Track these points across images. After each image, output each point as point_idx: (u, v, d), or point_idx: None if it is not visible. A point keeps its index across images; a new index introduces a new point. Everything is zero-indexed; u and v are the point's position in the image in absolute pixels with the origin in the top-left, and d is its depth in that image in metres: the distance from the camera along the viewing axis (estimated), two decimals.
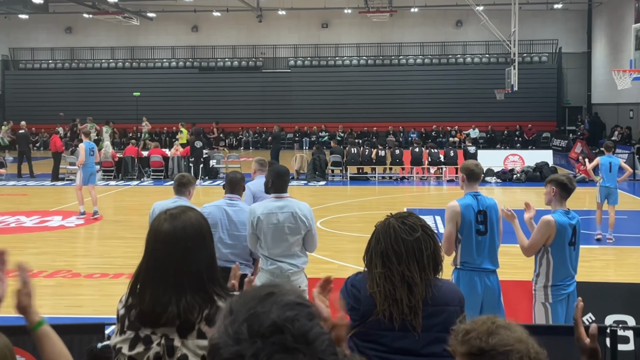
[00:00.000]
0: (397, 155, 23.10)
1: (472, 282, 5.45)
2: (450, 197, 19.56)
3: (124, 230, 13.89)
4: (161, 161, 23.57)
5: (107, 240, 12.90)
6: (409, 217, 2.83)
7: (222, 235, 5.89)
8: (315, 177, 22.64)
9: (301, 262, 5.68)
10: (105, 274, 10.16)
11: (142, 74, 40.21)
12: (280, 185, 5.71)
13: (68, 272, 10.27)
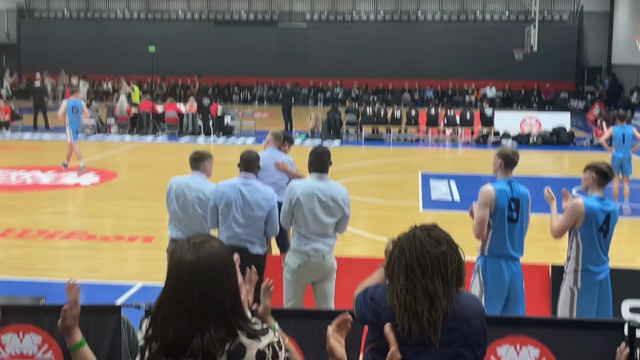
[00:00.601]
0: (412, 116, 22.89)
1: (500, 269, 5.44)
2: (466, 161, 19.61)
3: (138, 190, 13.92)
4: (176, 117, 23.49)
5: (121, 201, 12.94)
6: (435, 230, 2.76)
7: (236, 214, 5.86)
8: (329, 137, 22.52)
9: (333, 243, 5.71)
10: (120, 237, 10.21)
11: (157, 26, 39.86)
12: (320, 166, 5.69)
13: (83, 234, 10.32)
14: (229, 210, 5.86)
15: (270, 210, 5.93)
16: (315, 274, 5.64)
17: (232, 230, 5.86)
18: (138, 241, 10.00)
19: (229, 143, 22.15)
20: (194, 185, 6.24)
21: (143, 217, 11.56)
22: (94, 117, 23.57)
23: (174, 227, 6.29)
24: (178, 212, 6.24)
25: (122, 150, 20.16)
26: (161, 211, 12.01)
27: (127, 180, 15.12)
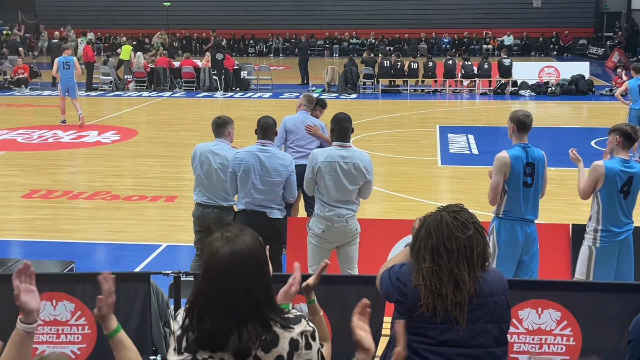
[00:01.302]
0: (429, 68, 22.65)
1: (514, 231, 5.46)
2: (483, 112, 19.46)
3: (158, 147, 14.00)
4: (192, 72, 23.41)
5: (142, 159, 13.03)
6: (462, 213, 2.77)
7: (255, 180, 5.89)
8: (346, 90, 22.39)
9: (356, 208, 5.74)
10: (144, 197, 10.31)
11: None
12: (342, 134, 5.67)
13: (107, 194, 10.44)
14: (248, 176, 5.90)
15: (288, 176, 5.96)
16: (339, 238, 5.70)
17: (251, 196, 5.90)
18: (160, 201, 10.10)
19: (246, 97, 22.11)
20: (218, 152, 6.26)
21: (165, 176, 11.65)
22: (112, 73, 23.54)
23: (199, 193, 6.35)
24: (203, 178, 6.29)
25: (140, 107, 20.20)
26: (182, 170, 12.22)
27: (147, 138, 15.19)
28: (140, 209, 9.74)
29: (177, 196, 10.30)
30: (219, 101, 21.53)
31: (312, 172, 5.64)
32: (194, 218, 6.41)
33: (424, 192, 10.53)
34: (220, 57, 22.34)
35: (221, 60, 22.36)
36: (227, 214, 6.27)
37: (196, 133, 15.80)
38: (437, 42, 37.63)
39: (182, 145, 14.23)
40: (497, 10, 37.40)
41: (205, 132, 15.58)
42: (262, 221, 5.89)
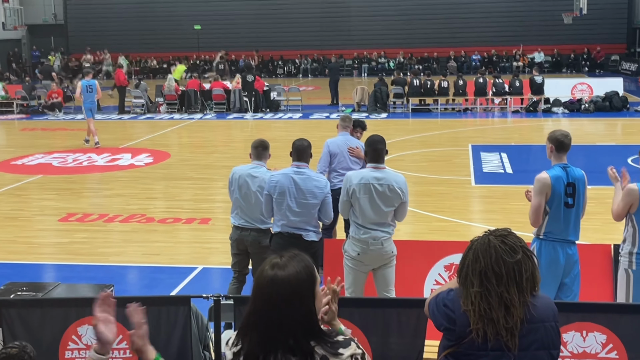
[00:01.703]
0: (460, 86, 22.60)
1: (555, 252, 5.39)
2: (515, 130, 19.33)
3: (191, 170, 14.14)
4: (223, 94, 23.67)
5: (176, 182, 13.16)
6: (509, 237, 2.76)
7: (291, 203, 5.92)
8: (376, 110, 22.43)
9: (392, 230, 5.73)
10: (178, 219, 10.40)
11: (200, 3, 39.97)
12: (376, 156, 5.69)
13: (142, 217, 10.55)
14: (283, 199, 5.94)
15: (323, 198, 5.98)
16: (375, 261, 5.69)
17: (286, 218, 5.93)
18: (194, 223, 10.17)
19: (276, 118, 22.26)
20: (257, 175, 6.32)
21: (198, 199, 11.75)
22: (144, 96, 23.91)
23: (236, 215, 6.40)
24: (240, 201, 6.34)
25: (172, 129, 20.46)
26: (215, 192, 12.34)
27: (179, 161, 15.35)
28: (174, 232, 9.83)
29: (210, 218, 10.37)
30: (249, 122, 21.71)
31: (347, 195, 5.66)
32: (232, 241, 6.45)
33: (459, 212, 10.47)
34: (251, 78, 22.60)
35: (251, 81, 22.61)
36: (264, 236, 6.31)
37: (228, 155, 15.95)
38: (466, 60, 37.57)
39: (214, 168, 14.36)
40: (527, 27, 37.27)
41: (237, 153, 15.93)
42: (298, 243, 5.90)
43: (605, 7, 35.93)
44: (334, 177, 7.58)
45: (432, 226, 9.82)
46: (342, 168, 7.61)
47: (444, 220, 10.04)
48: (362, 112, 22.66)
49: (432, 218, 10.21)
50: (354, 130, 8.00)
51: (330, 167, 7.70)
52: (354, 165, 7.63)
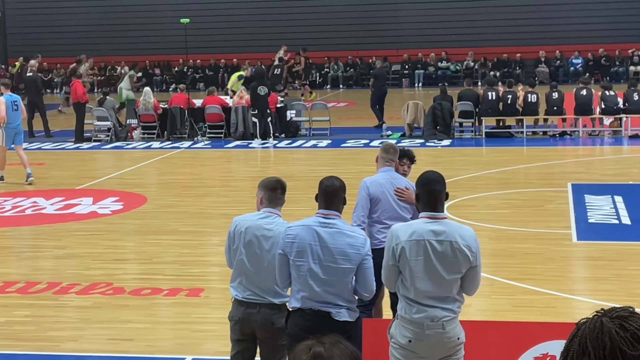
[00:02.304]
0: (554, 101, 22.64)
1: None
2: (634, 163, 19.26)
3: (175, 220, 14.27)
4: (220, 113, 23.94)
5: (155, 236, 13.29)
6: (632, 319, 2.76)
7: (314, 267, 5.94)
8: (436, 134, 22.53)
9: (458, 307, 5.73)
10: (158, 289, 10.48)
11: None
12: (433, 200, 5.69)
13: (107, 287, 10.63)
14: (304, 260, 5.97)
15: (360, 262, 6.01)
16: (434, 351, 5.68)
17: (309, 288, 5.96)
18: (180, 295, 10.23)
19: (294, 147, 22.40)
20: (271, 227, 6.36)
21: (185, 260, 11.84)
22: (110, 117, 24.23)
23: (239, 285, 6.44)
24: (246, 264, 6.39)
25: (149, 162, 20.68)
26: (209, 250, 12.42)
27: (159, 207, 15.50)
28: (152, 308, 9.88)
29: (203, 288, 10.44)
30: (257, 153, 21.87)
31: (394, 257, 5.68)
32: (232, 322, 6.49)
33: (555, 281, 10.42)
34: (264, 91, 22.57)
35: (265, 95, 22.60)
36: (279, 315, 6.34)
37: (227, 199, 16.08)
38: (563, 63, 37.62)
39: (208, 217, 14.45)
40: None
41: (240, 197, 16.07)
42: (325, 325, 5.91)
43: None
44: (378, 232, 7.61)
45: (517, 300, 9.77)
46: (389, 218, 7.63)
47: (534, 292, 9.98)
48: (415, 137, 22.74)
49: (516, 289, 10.17)
50: (399, 163, 8.03)
51: (372, 218, 7.74)
52: (405, 213, 7.67)
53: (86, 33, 40.52)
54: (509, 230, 12.93)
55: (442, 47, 38.83)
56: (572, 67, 37.31)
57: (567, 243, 12.25)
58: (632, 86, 23.19)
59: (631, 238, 12.38)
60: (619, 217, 13.63)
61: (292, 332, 6.03)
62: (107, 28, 40.47)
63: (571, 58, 37.67)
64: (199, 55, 38.78)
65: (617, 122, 22.69)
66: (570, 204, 14.57)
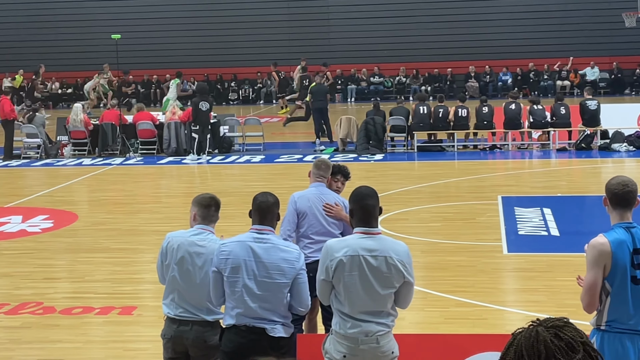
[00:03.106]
0: (484, 115, 22.94)
1: (623, 348, 5.44)
2: (562, 176, 19.61)
3: (107, 238, 14.11)
4: (152, 129, 23.80)
5: (85, 254, 13.11)
6: (566, 329, 2.79)
7: (249, 282, 5.93)
8: (368, 149, 22.65)
9: (392, 321, 5.74)
10: (89, 308, 10.34)
11: (121, 6, 40.42)
12: (366, 216, 5.70)
13: (37, 306, 10.46)
14: (238, 277, 5.95)
15: (295, 277, 6.00)
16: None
17: (243, 305, 5.93)
18: (113, 314, 10.11)
19: (227, 163, 22.33)
20: (204, 244, 6.33)
21: (117, 278, 11.71)
22: (40, 134, 23.91)
23: (172, 303, 6.38)
24: (179, 281, 6.33)
25: (80, 179, 20.44)
26: (142, 268, 12.29)
27: (90, 224, 15.31)
28: (83, 327, 9.74)
29: (135, 306, 10.33)
30: (190, 169, 21.74)
31: (327, 273, 5.69)
32: (165, 340, 6.42)
33: (487, 293, 10.51)
34: (206, 107, 22.56)
35: (207, 111, 22.59)
36: (211, 332, 6.29)
37: (160, 215, 15.95)
38: (493, 78, 38.19)
39: (141, 234, 14.32)
40: (576, 34, 38.06)
41: (173, 213, 15.95)
42: (260, 341, 5.90)
43: None
44: (305, 247, 7.57)
45: (450, 313, 9.83)
46: (316, 233, 7.64)
47: (466, 304, 10.06)
48: (348, 152, 22.84)
49: (449, 301, 10.23)
50: (333, 180, 8.04)
51: (299, 232, 7.73)
52: (333, 228, 7.66)
53: (17, 49, 39.94)
54: (441, 243, 13.03)
55: (374, 62, 39.14)
56: (501, 81, 37.93)
57: (498, 255, 12.37)
58: (559, 100, 23.60)
59: (560, 249, 12.55)
60: (548, 228, 13.82)
61: (227, 349, 6.01)
62: (38, 44, 40.00)
63: (500, 74, 38.25)
64: (131, 72, 38.47)
65: (545, 135, 23.07)
66: (500, 216, 14.73)
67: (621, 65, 37.97)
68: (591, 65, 37.59)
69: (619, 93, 37.33)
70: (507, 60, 38.18)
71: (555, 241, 13.09)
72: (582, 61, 37.66)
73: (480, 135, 23.66)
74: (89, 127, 24.00)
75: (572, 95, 36.03)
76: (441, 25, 38.71)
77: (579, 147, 22.41)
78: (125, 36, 30.17)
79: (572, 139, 22.89)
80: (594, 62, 37.59)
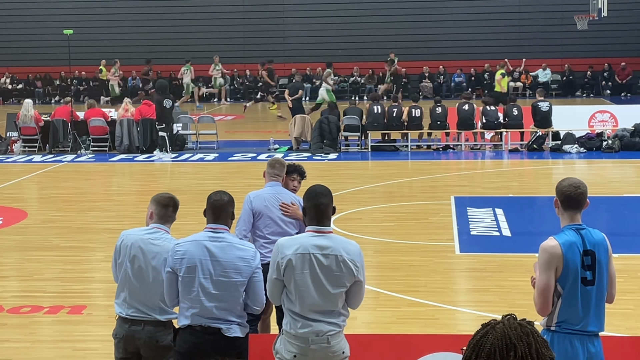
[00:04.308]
0: (438, 115, 23.06)
1: (573, 349, 5.49)
2: (514, 176, 19.80)
3: (57, 236, 13.96)
4: (104, 126, 23.59)
5: (35, 252, 12.96)
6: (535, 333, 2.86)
7: (204, 282, 5.90)
8: (322, 148, 22.66)
9: (343, 321, 5.74)
10: (38, 307, 10.23)
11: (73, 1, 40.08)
12: (319, 215, 5.71)
13: None
14: (194, 276, 5.92)
15: (251, 275, 5.99)
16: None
17: (199, 305, 5.90)
18: (62, 313, 10.01)
19: (180, 161, 22.21)
20: (157, 243, 6.28)
21: (67, 276, 11.58)
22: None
23: (124, 303, 6.32)
24: (131, 279, 6.28)
25: (30, 176, 20.21)
26: (92, 266, 12.17)
27: (40, 222, 15.14)
28: (32, 326, 9.63)
29: (85, 306, 10.23)
30: (145, 168, 21.57)
31: (279, 271, 5.68)
32: (116, 339, 6.36)
33: (439, 293, 10.56)
34: (169, 104, 22.49)
35: (170, 108, 22.52)
36: (164, 332, 6.25)
37: (111, 213, 15.81)
38: (446, 79, 38.41)
39: (91, 232, 14.18)
40: (527, 35, 38.44)
41: (125, 211, 15.84)
42: (215, 342, 5.88)
43: (633, 7, 37.37)
44: (261, 247, 7.56)
45: (402, 313, 9.86)
46: (272, 233, 7.63)
47: (418, 304, 10.10)
48: (302, 150, 22.84)
49: (401, 301, 10.27)
50: (289, 179, 8.04)
51: (255, 232, 7.71)
52: (290, 228, 7.66)
53: None
54: (393, 243, 13.07)
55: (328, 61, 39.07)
56: (455, 82, 38.19)
57: (450, 255, 12.44)
58: (511, 101, 23.83)
59: (511, 250, 12.66)
60: (500, 229, 13.93)
61: (182, 349, 5.98)
62: None
63: (454, 74, 38.50)
64: (83, 67, 38.13)
65: (497, 136, 23.27)
66: (453, 216, 14.82)
67: (573, 68, 38.39)
68: (543, 67, 37.98)
69: (570, 95, 37.75)
70: (461, 62, 38.43)
71: (507, 241, 13.20)
72: (534, 63, 38.04)
73: (433, 136, 23.80)
74: (39, 124, 23.73)
75: (524, 97, 36.37)
76: (395, 25, 38.83)
77: (531, 148, 22.63)
78: (77, 31, 29.84)
79: (524, 140, 23.10)
80: (546, 64, 37.98)
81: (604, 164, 20.93)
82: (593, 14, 31.95)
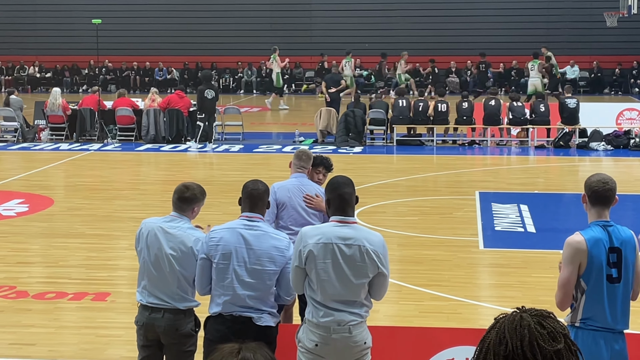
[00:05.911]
0: (464, 110, 22.98)
1: (597, 346, 5.46)
2: (540, 173, 19.71)
3: (83, 224, 14.06)
4: (131, 116, 23.68)
5: (60, 240, 13.06)
6: (549, 320, 2.81)
7: (239, 270, 5.90)
8: (348, 141, 22.65)
9: (366, 311, 5.74)
10: (63, 293, 10.30)
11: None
12: (343, 205, 5.70)
13: (10, 290, 10.41)
14: (228, 264, 5.93)
15: (284, 265, 6.00)
16: (340, 355, 5.67)
17: (232, 292, 5.91)
18: (86, 300, 10.07)
19: (205, 151, 22.27)
20: (173, 232, 6.28)
21: (92, 263, 11.66)
22: (17, 118, 23.76)
23: (144, 290, 6.34)
24: (150, 267, 6.30)
25: (57, 164, 20.33)
26: (117, 254, 12.24)
27: (66, 210, 15.24)
28: (56, 312, 9.71)
29: (109, 293, 10.29)
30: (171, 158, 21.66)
31: (300, 259, 5.68)
32: (138, 327, 6.39)
33: (462, 287, 10.55)
34: (211, 95, 22.50)
35: (212, 99, 22.53)
36: (184, 320, 6.26)
37: (136, 202, 15.89)
38: (474, 76, 38.23)
39: (116, 220, 14.25)
40: (556, 32, 38.17)
41: (149, 200, 15.90)
42: (246, 331, 5.87)
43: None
44: None
45: (424, 306, 9.85)
46: (295, 224, 7.62)
47: (441, 298, 10.09)
48: (328, 143, 22.83)
49: (424, 295, 10.26)
50: (315, 171, 8.03)
51: (278, 223, 7.72)
52: (313, 219, 7.65)
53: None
54: (417, 237, 13.05)
55: (356, 54, 39.00)
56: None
57: (474, 250, 12.42)
58: (539, 98, 23.71)
59: (536, 246, 12.62)
60: (525, 225, 13.88)
61: (213, 337, 5.97)
62: (16, 27, 39.64)
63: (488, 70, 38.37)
64: (110, 57, 38.30)
65: (523, 132, 23.14)
66: (477, 211, 14.78)
67: (601, 65, 38.17)
68: (571, 64, 37.70)
69: (598, 92, 37.51)
70: (488, 57, 38.22)
71: (531, 238, 13.16)
72: (562, 60, 37.73)
73: (459, 131, 23.72)
74: (67, 112, 23.86)
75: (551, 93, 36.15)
76: (424, 19, 38.77)
77: (557, 144, 22.51)
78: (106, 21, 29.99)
79: (550, 136, 22.98)
80: (574, 61, 37.70)
81: (631, 162, 20.78)
82: (623, 10, 31.72)
